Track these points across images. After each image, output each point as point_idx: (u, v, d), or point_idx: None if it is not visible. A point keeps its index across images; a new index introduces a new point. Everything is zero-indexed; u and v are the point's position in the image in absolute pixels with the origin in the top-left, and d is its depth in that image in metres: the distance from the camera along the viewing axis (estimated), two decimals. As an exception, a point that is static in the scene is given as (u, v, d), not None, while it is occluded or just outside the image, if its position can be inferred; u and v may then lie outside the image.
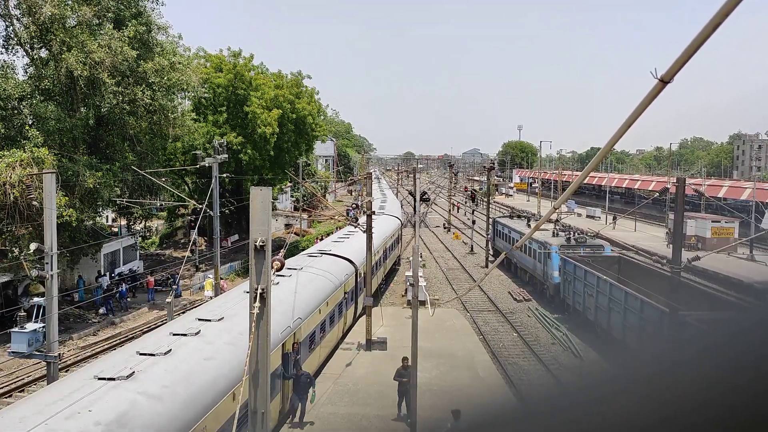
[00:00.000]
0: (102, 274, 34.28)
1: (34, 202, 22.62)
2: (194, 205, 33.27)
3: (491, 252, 43.90)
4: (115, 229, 42.74)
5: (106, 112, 30.00)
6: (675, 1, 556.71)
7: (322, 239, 42.76)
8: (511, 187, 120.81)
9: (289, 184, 59.00)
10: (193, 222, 45.16)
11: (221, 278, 33.04)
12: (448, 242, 55.08)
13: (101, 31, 28.79)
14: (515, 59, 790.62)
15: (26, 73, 30.24)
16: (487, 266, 42.59)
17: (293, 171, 51.69)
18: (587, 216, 69.15)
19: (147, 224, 51.78)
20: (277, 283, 18.28)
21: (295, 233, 52.08)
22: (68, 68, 26.62)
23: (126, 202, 34.33)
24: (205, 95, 41.23)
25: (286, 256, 22.71)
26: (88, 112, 28.97)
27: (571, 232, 33.83)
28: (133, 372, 10.84)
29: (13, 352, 16.59)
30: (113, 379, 10.50)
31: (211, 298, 31.12)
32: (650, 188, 73.96)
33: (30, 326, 16.35)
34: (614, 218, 35.30)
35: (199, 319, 14.80)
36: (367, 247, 25.31)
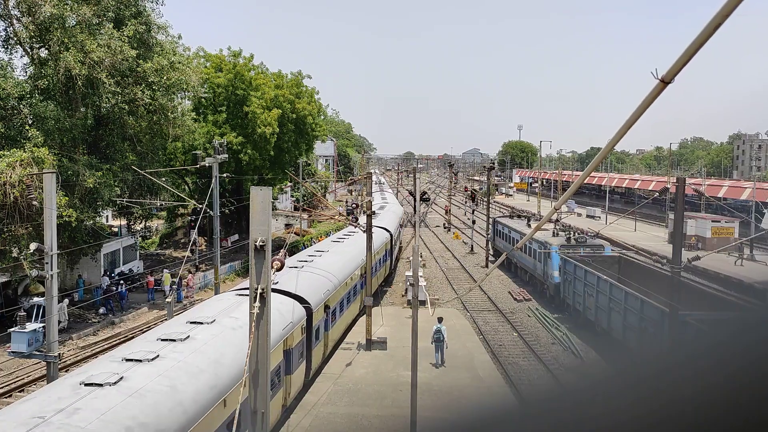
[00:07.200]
0: (102, 274, 34.29)
1: (34, 202, 22.62)
2: (194, 205, 33.27)
3: (491, 252, 43.90)
4: (115, 229, 42.74)
5: (106, 112, 29.99)
6: (676, 2, 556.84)
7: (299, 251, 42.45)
8: (511, 187, 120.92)
9: (289, 184, 59.00)
10: (193, 222, 45.16)
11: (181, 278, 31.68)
12: (448, 242, 55.10)
13: (101, 31, 28.77)
14: (515, 59, 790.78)
15: (26, 72, 30.26)
16: (487, 266, 42.58)
17: (293, 171, 51.68)
18: (587, 216, 69.19)
19: (147, 224, 51.81)
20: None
21: (295, 233, 52.07)
22: (67, 67, 26.61)
23: (126, 202, 34.33)
24: (205, 95, 41.21)
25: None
26: (87, 112, 28.96)
27: (571, 232, 33.82)
28: None
29: (13, 352, 16.60)
30: None
31: (170, 295, 28.01)
32: (650, 188, 73.99)
33: (30, 326, 16.35)
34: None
35: (87, 386, 10.02)
36: (367, 247, 25.34)
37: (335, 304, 22.36)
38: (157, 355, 11.47)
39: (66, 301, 28.15)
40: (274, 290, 16.19)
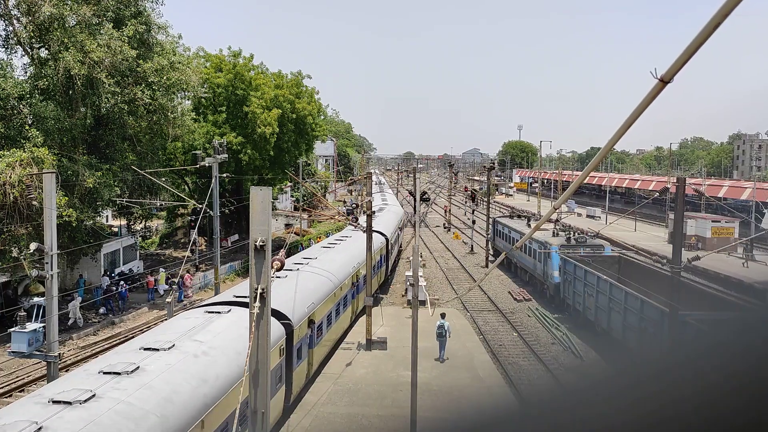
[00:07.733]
0: (102, 274, 34.31)
1: (34, 202, 22.64)
2: (194, 205, 33.27)
3: (491, 252, 43.89)
4: (115, 229, 42.74)
5: (106, 112, 29.99)
6: (676, 2, 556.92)
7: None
8: (511, 187, 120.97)
9: (289, 184, 59.02)
10: (193, 222, 45.14)
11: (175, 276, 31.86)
12: (448, 242, 55.09)
13: (101, 31, 28.78)
14: (515, 59, 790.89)
15: (26, 72, 30.27)
16: (487, 266, 42.58)
17: (293, 171, 51.68)
18: (587, 216, 69.20)
19: (147, 224, 51.80)
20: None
21: (295, 233, 52.08)
22: (66, 67, 26.62)
23: (126, 202, 34.33)
24: (205, 95, 41.20)
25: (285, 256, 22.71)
26: (87, 112, 28.96)
27: (571, 232, 33.82)
28: None
29: (13, 352, 16.60)
30: None
31: (171, 295, 25.88)
32: (650, 188, 74.01)
33: (30, 326, 16.35)
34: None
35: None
36: (367, 247, 25.33)
37: (322, 318, 20.42)
38: (93, 395, 9.52)
39: (79, 298, 28.69)
40: (244, 305, 14.29)
